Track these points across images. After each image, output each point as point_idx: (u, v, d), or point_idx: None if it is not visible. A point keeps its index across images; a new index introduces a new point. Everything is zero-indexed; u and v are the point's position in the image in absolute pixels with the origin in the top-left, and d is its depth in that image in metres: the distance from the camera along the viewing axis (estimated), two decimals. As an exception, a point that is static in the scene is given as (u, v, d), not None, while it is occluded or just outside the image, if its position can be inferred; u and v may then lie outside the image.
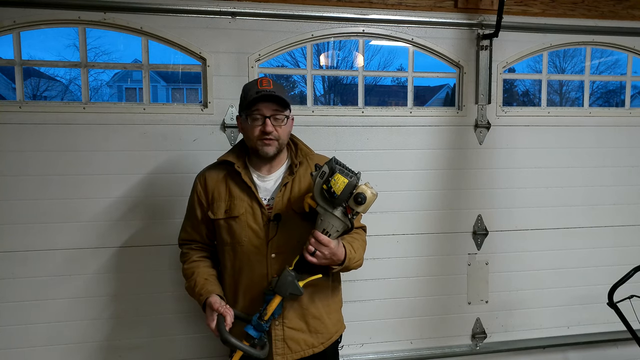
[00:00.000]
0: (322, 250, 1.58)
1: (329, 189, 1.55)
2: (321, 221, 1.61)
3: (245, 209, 1.74)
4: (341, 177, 1.55)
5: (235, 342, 1.55)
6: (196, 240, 1.88)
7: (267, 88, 1.69)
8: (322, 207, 1.60)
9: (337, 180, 1.55)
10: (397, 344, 2.72)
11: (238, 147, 1.86)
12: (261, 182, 1.78)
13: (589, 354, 2.97)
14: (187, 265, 1.85)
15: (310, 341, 1.77)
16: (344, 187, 1.54)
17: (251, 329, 1.64)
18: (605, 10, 2.80)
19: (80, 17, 2.29)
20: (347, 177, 1.56)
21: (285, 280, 1.61)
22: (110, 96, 12.96)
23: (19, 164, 2.28)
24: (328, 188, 1.55)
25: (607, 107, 2.95)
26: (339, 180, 1.55)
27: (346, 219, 1.59)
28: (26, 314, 2.33)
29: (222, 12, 2.40)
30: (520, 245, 2.82)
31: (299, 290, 1.62)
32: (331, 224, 1.60)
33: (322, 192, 1.58)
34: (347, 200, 1.57)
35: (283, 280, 1.61)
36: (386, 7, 2.57)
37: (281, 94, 1.70)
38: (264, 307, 1.64)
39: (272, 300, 1.63)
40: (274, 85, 1.71)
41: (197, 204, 1.82)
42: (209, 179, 1.82)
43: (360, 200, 1.55)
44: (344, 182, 1.55)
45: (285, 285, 1.61)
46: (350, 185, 1.55)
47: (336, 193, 1.54)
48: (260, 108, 1.69)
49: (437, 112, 2.70)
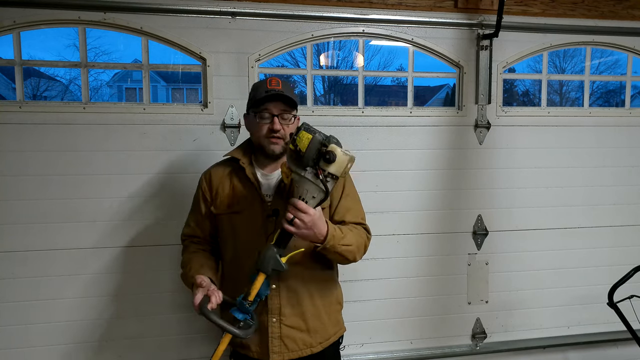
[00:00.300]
0: (301, 217, 1.52)
1: (295, 148, 1.48)
2: (296, 188, 1.55)
3: (248, 204, 1.76)
4: (305, 134, 1.48)
5: (213, 318, 1.50)
6: (198, 236, 1.90)
7: (276, 87, 1.72)
8: (295, 173, 1.53)
9: (302, 137, 1.48)
10: (397, 344, 2.72)
11: (245, 145, 1.89)
12: (264, 180, 1.80)
13: (589, 354, 2.97)
14: (185, 255, 1.86)
15: (308, 340, 1.77)
16: (308, 143, 1.47)
17: (236, 311, 1.60)
18: (605, 10, 2.80)
19: (80, 17, 2.29)
20: (311, 132, 1.49)
21: (266, 256, 1.55)
22: (110, 96, 12.98)
23: (19, 164, 2.28)
24: (295, 147, 1.49)
25: (607, 107, 2.95)
26: (303, 137, 1.48)
27: (318, 180, 1.50)
28: (26, 314, 2.33)
29: (222, 12, 2.40)
30: (520, 245, 2.82)
31: (281, 265, 1.56)
32: (305, 188, 1.53)
33: (290, 154, 1.52)
34: (315, 159, 1.49)
35: (264, 256, 1.56)
36: (386, 7, 2.57)
37: (289, 93, 1.73)
38: (249, 287, 1.60)
39: (256, 280, 1.58)
40: (283, 85, 1.74)
41: (202, 200, 1.85)
42: (214, 175, 1.85)
43: (329, 158, 1.46)
44: (308, 137, 1.47)
45: (267, 260, 1.55)
46: (316, 141, 1.48)
47: (301, 150, 1.47)
48: (268, 107, 1.72)
49: (437, 112, 2.70)
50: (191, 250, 1.87)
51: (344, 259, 1.73)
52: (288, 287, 1.74)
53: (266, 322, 1.73)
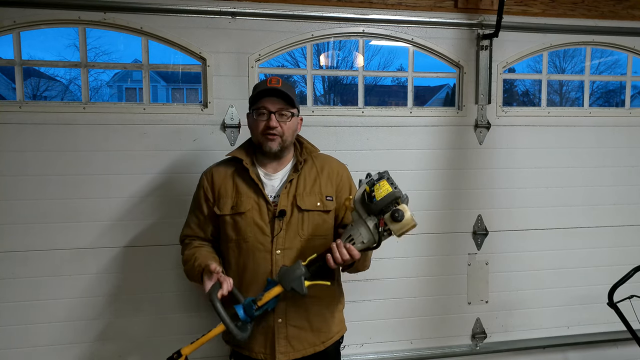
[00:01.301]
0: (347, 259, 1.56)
1: (370, 193, 1.50)
2: (351, 226, 1.57)
3: (252, 205, 1.74)
4: (386, 184, 1.50)
5: (220, 311, 1.50)
6: (199, 237, 1.88)
7: (275, 86, 1.72)
8: (357, 213, 1.55)
9: (382, 185, 1.50)
10: (397, 344, 2.72)
11: (246, 144, 1.88)
12: (267, 180, 1.79)
13: (589, 354, 2.97)
14: (188, 251, 1.82)
15: (312, 340, 1.78)
16: (385, 195, 1.48)
17: (240, 309, 1.59)
18: (605, 10, 2.80)
19: (80, 17, 2.29)
20: (393, 186, 1.50)
21: (293, 273, 1.56)
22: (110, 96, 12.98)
23: (19, 164, 2.28)
24: (370, 192, 1.50)
25: (607, 107, 2.95)
26: (382, 187, 1.50)
27: (376, 231, 1.53)
28: (26, 314, 2.33)
29: (222, 12, 2.40)
30: (520, 245, 2.82)
31: (303, 289, 1.57)
32: (359, 232, 1.55)
33: (363, 195, 1.52)
34: (384, 211, 1.51)
35: (291, 273, 1.56)
36: (386, 7, 2.57)
37: (288, 92, 1.72)
38: (262, 293, 1.60)
39: (272, 289, 1.59)
40: (283, 85, 1.74)
41: (204, 200, 1.83)
42: (216, 175, 1.83)
43: (397, 217, 1.48)
44: (387, 189, 1.49)
45: (291, 278, 1.56)
46: (393, 195, 1.49)
47: (375, 198, 1.49)
48: (265, 103, 1.72)
49: (437, 112, 2.70)
50: (194, 246, 1.84)
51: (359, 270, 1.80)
52: None
53: (272, 322, 1.73)
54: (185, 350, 1.61)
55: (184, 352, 1.61)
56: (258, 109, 1.73)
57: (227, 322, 1.52)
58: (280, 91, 1.70)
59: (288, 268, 1.58)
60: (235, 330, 1.53)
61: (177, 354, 1.62)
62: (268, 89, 1.71)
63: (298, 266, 1.57)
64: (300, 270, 1.57)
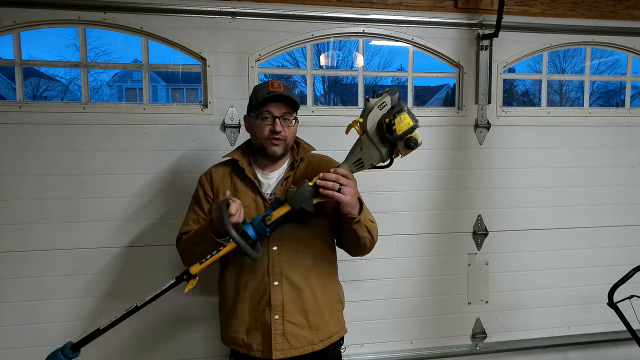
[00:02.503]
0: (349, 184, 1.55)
1: (389, 125, 1.47)
2: (360, 150, 1.56)
3: (249, 202, 1.76)
4: (407, 118, 1.47)
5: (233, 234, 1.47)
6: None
7: (278, 90, 1.73)
8: (369, 138, 1.53)
9: (403, 119, 1.47)
10: (397, 344, 2.72)
11: (244, 146, 1.90)
12: (264, 179, 1.81)
13: (589, 354, 2.97)
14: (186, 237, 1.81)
15: (310, 338, 1.77)
16: (406, 129, 1.47)
17: (250, 228, 1.57)
18: (605, 10, 2.80)
19: (80, 17, 2.29)
20: (413, 120, 1.49)
21: (302, 194, 1.55)
22: (110, 96, 12.99)
23: (19, 164, 2.28)
24: (389, 124, 1.48)
25: (607, 107, 2.95)
26: (404, 120, 1.47)
27: (388, 156, 1.54)
28: (26, 314, 2.33)
29: (222, 12, 2.40)
30: (520, 245, 2.83)
31: (312, 206, 1.57)
32: (370, 156, 1.54)
33: (381, 126, 1.50)
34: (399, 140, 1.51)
35: (300, 194, 1.56)
36: (386, 7, 2.57)
37: (292, 95, 1.75)
38: (269, 211, 1.60)
39: (280, 208, 1.59)
40: (285, 89, 1.76)
41: (203, 197, 1.84)
42: (215, 174, 1.85)
43: (412, 145, 1.49)
44: (408, 124, 1.47)
45: (301, 199, 1.55)
46: (413, 128, 1.49)
47: (397, 132, 1.47)
48: (270, 108, 1.73)
49: (437, 112, 2.70)
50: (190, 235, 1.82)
51: (370, 237, 1.74)
52: (290, 284, 1.74)
53: (269, 319, 1.73)
54: (193, 270, 1.60)
55: (192, 271, 1.60)
56: (262, 114, 1.74)
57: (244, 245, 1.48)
58: (285, 96, 1.72)
59: (297, 190, 1.57)
60: (251, 251, 1.51)
61: (187, 273, 1.60)
62: (274, 95, 1.72)
63: (307, 187, 1.56)
64: (309, 191, 1.56)
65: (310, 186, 1.57)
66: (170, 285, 1.62)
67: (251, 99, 1.81)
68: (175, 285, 1.62)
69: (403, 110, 1.49)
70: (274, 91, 1.72)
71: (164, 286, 1.62)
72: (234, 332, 1.78)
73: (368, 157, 1.56)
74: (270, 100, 1.72)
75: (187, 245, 1.78)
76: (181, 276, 1.61)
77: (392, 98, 1.51)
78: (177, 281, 1.61)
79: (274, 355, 1.73)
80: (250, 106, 1.81)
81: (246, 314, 1.76)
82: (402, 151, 1.53)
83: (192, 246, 1.75)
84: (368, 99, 1.56)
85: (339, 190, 1.54)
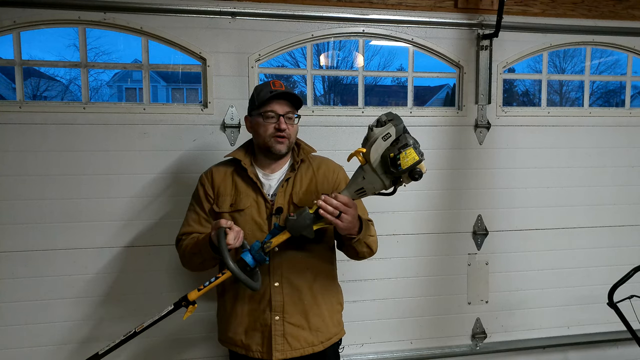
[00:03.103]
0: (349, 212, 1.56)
1: (394, 159, 1.47)
2: (362, 179, 1.55)
3: (251, 203, 1.76)
4: (413, 153, 1.46)
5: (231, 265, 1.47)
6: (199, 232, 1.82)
7: (280, 89, 1.74)
8: (372, 169, 1.53)
9: (408, 155, 1.46)
10: (397, 344, 2.72)
11: (245, 146, 1.90)
12: (265, 180, 1.81)
13: (589, 354, 2.97)
14: (187, 241, 1.79)
15: (310, 339, 1.77)
16: (411, 164, 1.46)
17: (249, 255, 1.56)
18: (605, 10, 2.80)
19: (80, 17, 2.29)
20: (419, 154, 1.48)
21: (302, 221, 1.56)
22: (110, 96, 12.97)
23: (19, 164, 2.28)
24: (394, 158, 1.47)
25: (607, 107, 2.95)
26: (409, 156, 1.46)
27: (391, 186, 1.53)
28: (26, 314, 2.33)
29: (222, 12, 2.40)
30: (520, 245, 2.82)
31: (312, 233, 1.58)
32: (373, 185, 1.54)
33: (386, 160, 1.49)
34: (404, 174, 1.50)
35: (300, 221, 1.56)
36: (386, 7, 2.57)
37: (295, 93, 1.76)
38: (268, 238, 1.60)
39: (280, 235, 1.59)
40: (286, 88, 1.77)
41: (204, 197, 1.83)
42: (216, 174, 1.85)
43: (417, 177, 1.49)
44: (414, 159, 1.47)
45: (301, 226, 1.56)
46: (418, 163, 1.48)
47: (401, 167, 1.46)
48: (274, 107, 1.74)
49: (437, 112, 2.70)
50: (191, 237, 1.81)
51: (369, 250, 1.76)
52: (291, 285, 1.74)
53: (269, 320, 1.73)
54: (191, 296, 1.59)
55: (190, 297, 1.59)
56: (266, 112, 1.74)
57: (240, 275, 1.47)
58: (289, 93, 1.74)
59: (297, 217, 1.57)
60: (249, 281, 1.50)
61: (185, 300, 1.59)
62: (278, 93, 1.73)
63: (307, 215, 1.57)
64: (309, 219, 1.57)
65: (311, 213, 1.57)
66: (169, 311, 1.62)
67: (253, 99, 1.81)
68: (173, 312, 1.61)
69: (409, 145, 1.48)
70: (277, 90, 1.73)
71: (162, 312, 1.62)
72: (232, 332, 1.78)
73: (370, 187, 1.56)
74: (274, 98, 1.73)
75: (186, 253, 1.78)
76: (179, 302, 1.60)
77: (397, 129, 1.50)
78: (175, 307, 1.61)
79: (274, 356, 1.73)
80: (252, 106, 1.81)
81: (245, 315, 1.76)
82: (406, 181, 1.53)
83: (192, 256, 1.75)
84: (371, 128, 1.55)
85: (338, 216, 1.54)
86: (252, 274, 1.57)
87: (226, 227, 1.55)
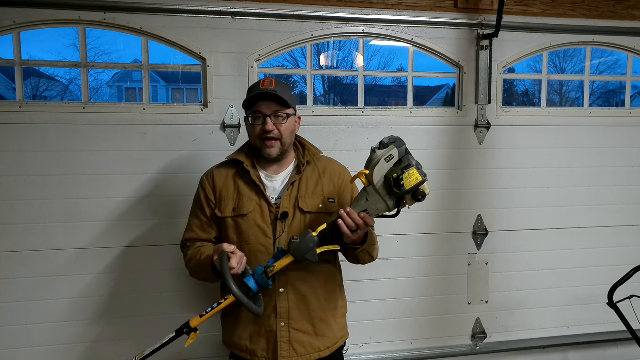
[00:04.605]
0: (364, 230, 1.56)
1: (397, 180, 1.48)
2: (366, 201, 1.55)
3: (254, 207, 1.72)
4: (416, 173, 1.48)
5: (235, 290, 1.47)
6: (202, 239, 1.82)
7: (268, 87, 1.69)
8: (376, 190, 1.53)
9: (412, 175, 1.48)
10: (397, 344, 2.72)
11: (247, 146, 1.85)
12: (269, 182, 1.77)
13: (589, 354, 2.97)
14: (191, 251, 1.77)
15: (316, 345, 1.75)
16: (414, 184, 1.48)
17: (252, 281, 1.56)
18: (605, 10, 2.80)
19: (80, 17, 2.29)
20: (422, 175, 1.49)
21: (306, 245, 1.55)
22: (110, 96, 12.97)
23: (19, 164, 2.28)
24: (397, 179, 1.48)
25: (607, 107, 2.95)
26: (412, 176, 1.48)
27: (395, 207, 1.55)
28: (26, 314, 2.33)
29: (222, 12, 2.40)
30: (520, 245, 2.82)
31: (315, 257, 1.57)
32: (376, 207, 1.55)
33: (389, 181, 1.50)
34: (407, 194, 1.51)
35: (304, 245, 1.55)
36: (386, 7, 2.57)
37: (282, 93, 1.68)
38: (272, 262, 1.58)
39: (283, 259, 1.58)
40: (277, 85, 1.71)
41: (205, 202, 1.79)
42: (217, 176, 1.80)
43: (420, 199, 1.50)
44: (417, 179, 1.48)
45: (305, 250, 1.55)
46: (421, 183, 1.49)
47: (404, 187, 1.47)
48: (260, 107, 1.70)
49: (437, 112, 2.70)
50: (197, 246, 1.79)
51: (370, 258, 1.78)
52: (296, 292, 1.72)
53: (275, 326, 1.71)
54: (194, 323, 1.59)
55: (192, 324, 1.59)
56: (253, 114, 1.71)
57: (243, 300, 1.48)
58: (272, 94, 1.67)
59: (300, 241, 1.56)
60: (252, 306, 1.50)
61: (187, 327, 1.58)
62: (259, 93, 1.68)
63: (311, 238, 1.56)
64: (313, 242, 1.56)
65: (315, 237, 1.57)
66: (170, 339, 1.61)
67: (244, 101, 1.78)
68: (175, 339, 1.61)
69: (412, 166, 1.49)
70: (264, 89, 1.68)
71: (164, 340, 1.61)
72: (237, 337, 1.76)
73: (374, 208, 1.56)
74: (258, 99, 1.68)
75: (190, 265, 1.78)
76: (181, 330, 1.60)
77: (400, 150, 1.52)
78: (177, 335, 1.61)
79: None
80: (244, 107, 1.78)
81: (250, 321, 1.73)
82: (410, 203, 1.54)
83: (194, 271, 1.77)
84: (374, 150, 1.56)
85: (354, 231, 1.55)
86: (255, 299, 1.57)
87: (229, 252, 1.55)
